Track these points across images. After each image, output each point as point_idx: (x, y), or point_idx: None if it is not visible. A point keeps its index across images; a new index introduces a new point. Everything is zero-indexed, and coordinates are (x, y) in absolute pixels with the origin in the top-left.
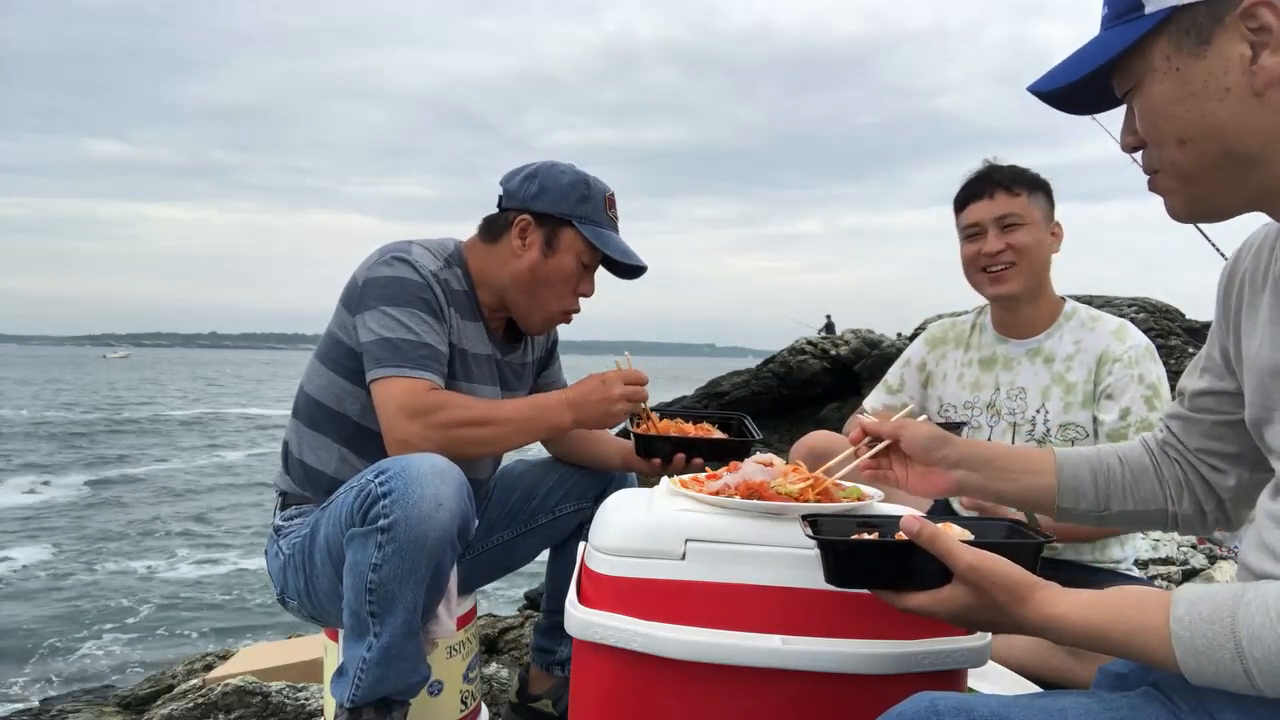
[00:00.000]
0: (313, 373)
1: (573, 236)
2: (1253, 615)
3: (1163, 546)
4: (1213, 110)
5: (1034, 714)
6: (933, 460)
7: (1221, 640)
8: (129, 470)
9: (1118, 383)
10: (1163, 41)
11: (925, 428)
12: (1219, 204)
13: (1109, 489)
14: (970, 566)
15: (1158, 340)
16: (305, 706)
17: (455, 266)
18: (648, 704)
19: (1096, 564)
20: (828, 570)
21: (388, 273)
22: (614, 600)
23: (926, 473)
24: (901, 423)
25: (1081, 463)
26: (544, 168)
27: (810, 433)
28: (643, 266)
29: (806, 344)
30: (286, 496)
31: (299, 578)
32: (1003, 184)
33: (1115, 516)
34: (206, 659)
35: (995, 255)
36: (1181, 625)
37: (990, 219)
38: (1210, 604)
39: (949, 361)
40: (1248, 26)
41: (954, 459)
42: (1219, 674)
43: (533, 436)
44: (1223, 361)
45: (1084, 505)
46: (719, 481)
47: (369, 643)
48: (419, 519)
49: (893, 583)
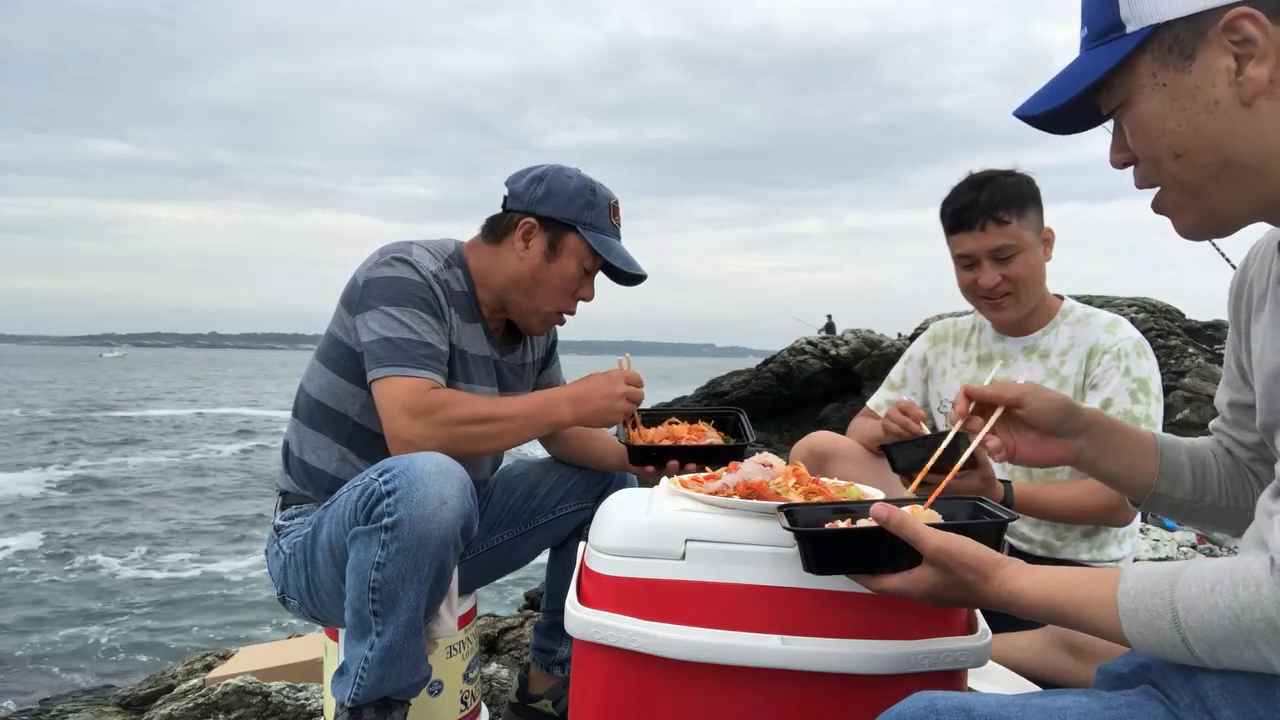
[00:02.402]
0: (313, 373)
1: (576, 242)
2: (1189, 587)
3: (1163, 546)
4: (1204, 123)
5: (1033, 713)
6: (1060, 430)
7: (1161, 611)
8: (128, 470)
9: (1104, 374)
10: (1147, 59)
11: (1051, 394)
12: (1224, 217)
13: (1205, 480)
14: (937, 548)
15: (1158, 340)
16: (305, 706)
17: (456, 267)
18: (648, 704)
19: (1096, 562)
20: (805, 559)
21: (388, 273)
22: (614, 600)
23: (1041, 441)
24: (1024, 387)
25: (1180, 450)
26: (551, 171)
27: (811, 433)
28: (643, 275)
29: (806, 344)
30: (287, 496)
31: (300, 577)
32: (990, 213)
33: (1206, 510)
34: (206, 659)
35: (992, 289)
36: (1127, 598)
37: (983, 252)
38: (1153, 578)
39: (949, 359)
40: (1230, 39)
41: (1080, 428)
42: (1160, 644)
43: (535, 433)
44: (1239, 372)
45: (1179, 494)
46: (718, 481)
47: (371, 642)
48: (423, 517)
49: (867, 567)
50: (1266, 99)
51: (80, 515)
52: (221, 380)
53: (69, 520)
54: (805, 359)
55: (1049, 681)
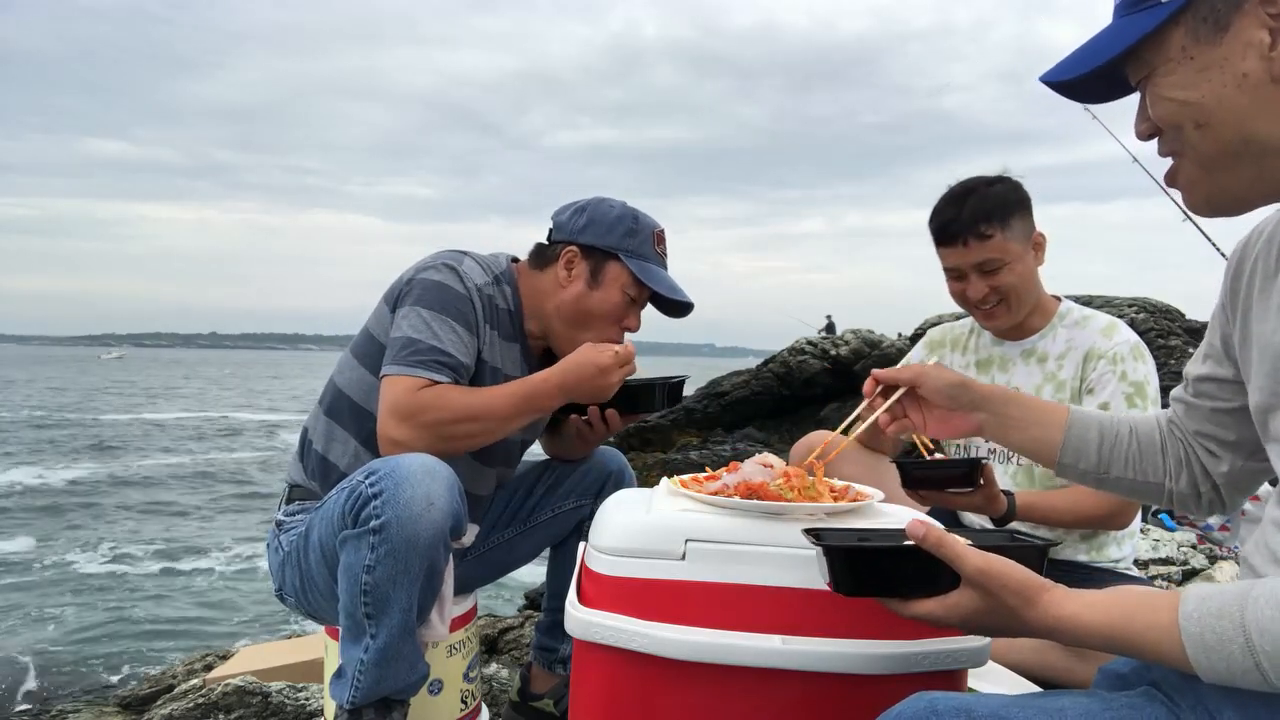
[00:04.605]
0: (345, 365)
1: (619, 270)
2: (1261, 609)
3: (1163, 547)
4: (1229, 95)
5: (1033, 714)
6: (956, 405)
7: (1231, 634)
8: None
9: (1100, 378)
10: (1180, 31)
11: (946, 372)
12: (1239, 194)
13: (1112, 454)
14: (979, 569)
15: (1157, 340)
16: (305, 706)
17: (505, 285)
18: (648, 704)
19: (1094, 564)
20: (834, 578)
21: (435, 278)
22: (614, 600)
23: (946, 416)
24: (918, 368)
25: (1091, 423)
26: (593, 203)
27: (810, 433)
28: (690, 304)
29: (806, 344)
30: (294, 489)
31: (296, 575)
32: (972, 228)
33: (1113, 481)
34: (206, 659)
35: (981, 299)
36: (1190, 621)
37: (968, 266)
38: (1219, 600)
39: (946, 364)
40: (1268, 12)
41: (976, 402)
42: (1230, 669)
43: (523, 421)
44: (1223, 348)
45: (1083, 465)
46: (719, 482)
47: (366, 644)
48: (410, 519)
49: (900, 589)
50: None
51: (79, 515)
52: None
53: (70, 520)
54: (805, 359)
55: (1049, 681)
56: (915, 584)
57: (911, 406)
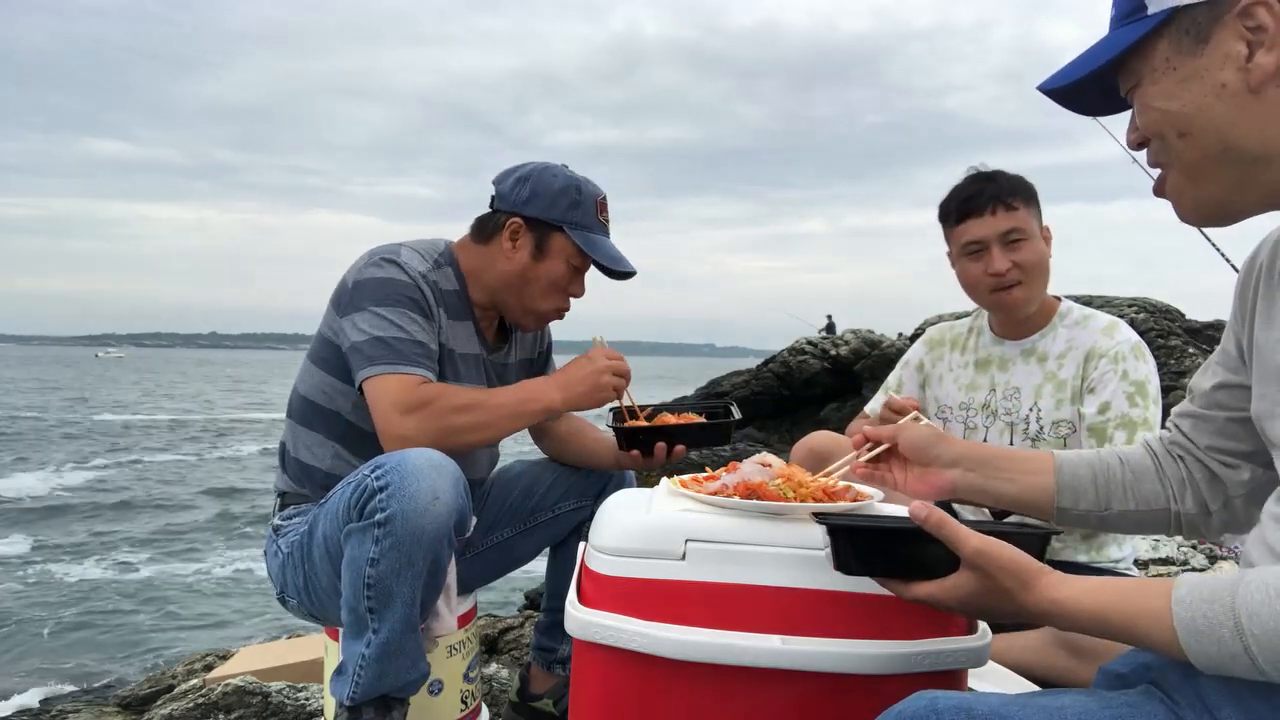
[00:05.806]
0: (305, 373)
1: (563, 242)
2: (1252, 593)
3: (1163, 546)
4: (1209, 104)
5: (1033, 713)
6: (928, 460)
7: (1221, 619)
8: (124, 467)
9: (1101, 378)
10: (1164, 42)
11: (923, 429)
12: (1227, 204)
13: (1109, 488)
14: (977, 550)
15: (1157, 340)
16: (305, 706)
17: (446, 266)
18: (648, 704)
19: (1094, 564)
20: (836, 557)
21: (377, 274)
22: (614, 600)
23: (924, 474)
24: (899, 425)
25: (1081, 463)
26: (536, 171)
27: (810, 433)
28: (632, 271)
29: (807, 344)
30: (285, 496)
31: (298, 575)
32: (1000, 198)
33: (1116, 517)
34: (206, 659)
35: (1003, 274)
36: (1182, 606)
37: (994, 236)
38: (1212, 585)
39: (945, 364)
40: (1245, 25)
41: (949, 458)
42: (1220, 654)
43: (526, 420)
44: (1238, 355)
45: (1083, 505)
46: (718, 482)
47: (368, 639)
48: (416, 512)
49: (900, 570)
50: (1275, 87)
51: (77, 516)
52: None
53: (69, 521)
54: (805, 359)
55: (1049, 681)
56: (916, 565)
57: (896, 464)
